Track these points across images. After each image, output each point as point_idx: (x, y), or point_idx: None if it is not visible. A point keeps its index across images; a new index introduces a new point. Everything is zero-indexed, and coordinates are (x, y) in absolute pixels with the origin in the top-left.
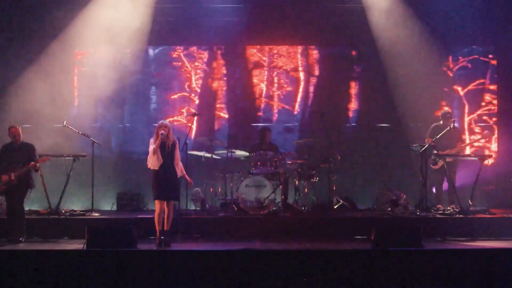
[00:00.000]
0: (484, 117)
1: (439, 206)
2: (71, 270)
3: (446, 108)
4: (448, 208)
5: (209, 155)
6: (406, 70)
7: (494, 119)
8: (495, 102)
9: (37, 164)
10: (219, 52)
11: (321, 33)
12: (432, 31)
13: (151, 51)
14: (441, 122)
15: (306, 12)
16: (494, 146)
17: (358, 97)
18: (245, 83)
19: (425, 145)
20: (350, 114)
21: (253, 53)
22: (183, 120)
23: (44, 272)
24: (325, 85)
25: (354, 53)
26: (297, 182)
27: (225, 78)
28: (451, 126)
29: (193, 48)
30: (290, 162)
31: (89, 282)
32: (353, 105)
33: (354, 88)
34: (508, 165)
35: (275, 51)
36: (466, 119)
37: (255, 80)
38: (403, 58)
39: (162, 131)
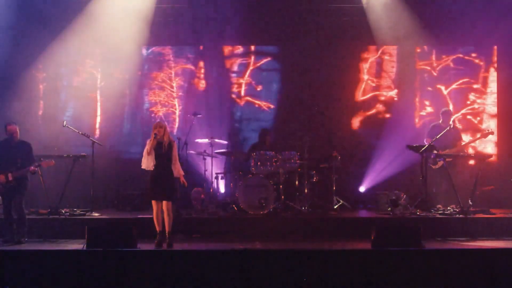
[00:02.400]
0: (469, 117)
1: (439, 206)
2: (71, 270)
3: (440, 108)
4: (448, 208)
5: (209, 154)
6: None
7: (478, 118)
8: (479, 101)
9: (37, 169)
10: (208, 52)
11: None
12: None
13: (144, 51)
14: (441, 121)
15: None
16: (478, 145)
17: (352, 96)
18: (237, 83)
19: (425, 145)
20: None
21: (241, 52)
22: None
23: (44, 272)
24: (323, 85)
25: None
26: (297, 182)
27: (212, 78)
28: (451, 126)
29: (185, 48)
30: (290, 162)
31: (89, 282)
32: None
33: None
34: (508, 165)
35: (265, 50)
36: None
37: (244, 80)
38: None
39: (156, 132)
